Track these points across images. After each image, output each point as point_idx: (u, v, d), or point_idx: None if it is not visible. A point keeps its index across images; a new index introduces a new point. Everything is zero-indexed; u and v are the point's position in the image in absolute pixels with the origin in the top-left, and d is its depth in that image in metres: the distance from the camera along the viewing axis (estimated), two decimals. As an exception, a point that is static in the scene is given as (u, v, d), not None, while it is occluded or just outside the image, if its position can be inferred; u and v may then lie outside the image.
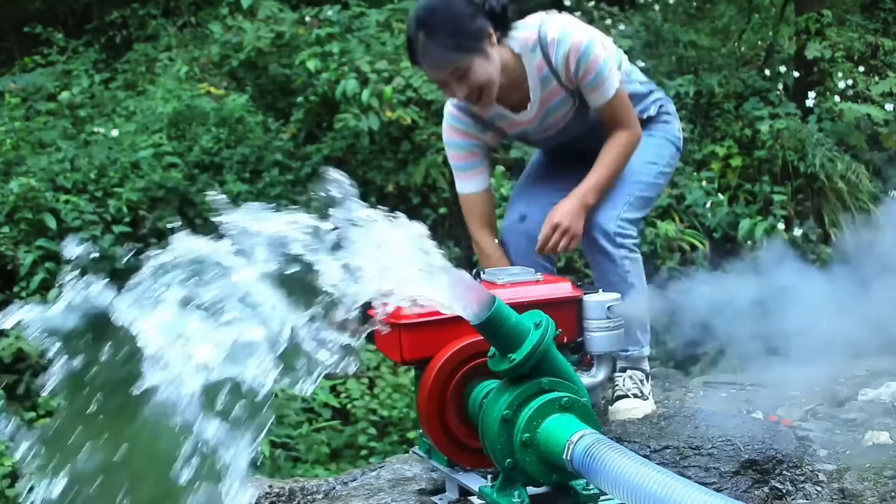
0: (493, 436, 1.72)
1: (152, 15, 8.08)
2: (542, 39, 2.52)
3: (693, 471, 2.09)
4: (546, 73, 2.55)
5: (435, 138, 6.30)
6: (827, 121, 6.85)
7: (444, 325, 1.92)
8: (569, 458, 1.56)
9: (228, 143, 6.31)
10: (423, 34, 2.41)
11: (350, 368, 1.25)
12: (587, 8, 8.00)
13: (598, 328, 2.16)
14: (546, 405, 1.68)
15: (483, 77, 2.43)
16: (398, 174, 6.40)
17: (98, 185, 5.91)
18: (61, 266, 5.62)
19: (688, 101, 7.03)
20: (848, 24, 7.77)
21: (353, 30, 6.95)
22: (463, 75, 2.42)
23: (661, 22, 7.96)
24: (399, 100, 6.26)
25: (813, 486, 2.13)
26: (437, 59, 2.41)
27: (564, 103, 2.62)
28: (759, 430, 2.24)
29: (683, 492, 1.35)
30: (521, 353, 1.65)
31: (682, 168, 6.64)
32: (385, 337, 2.03)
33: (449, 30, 2.39)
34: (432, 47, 2.40)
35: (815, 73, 7.16)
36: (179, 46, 7.54)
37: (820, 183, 6.64)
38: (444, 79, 2.45)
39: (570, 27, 2.53)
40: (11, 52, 8.13)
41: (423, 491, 2.13)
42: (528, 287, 2.11)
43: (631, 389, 2.56)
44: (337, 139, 6.40)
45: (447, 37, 2.39)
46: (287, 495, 2.22)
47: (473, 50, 2.41)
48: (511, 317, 1.63)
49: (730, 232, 6.32)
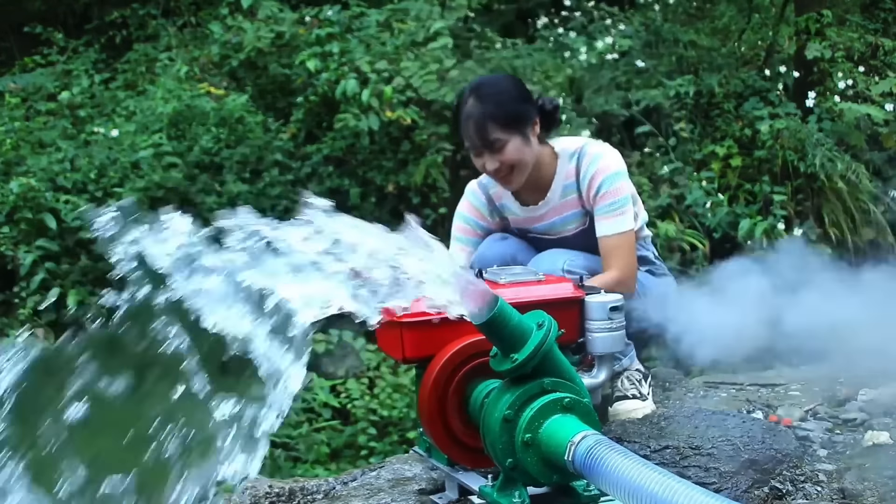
0: (494, 435, 1.72)
1: (152, 15, 8.08)
2: (581, 151, 2.62)
3: (693, 471, 2.09)
4: (571, 182, 2.63)
5: (435, 138, 6.30)
6: (827, 121, 6.85)
7: (446, 324, 1.91)
8: (570, 459, 1.57)
9: (228, 143, 6.30)
10: (473, 98, 2.52)
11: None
12: (587, 8, 8.01)
13: (599, 329, 2.16)
14: (548, 406, 1.68)
15: (516, 157, 2.53)
16: (398, 174, 6.40)
17: (98, 185, 5.91)
18: (61, 266, 5.63)
19: (688, 101, 7.03)
20: (848, 24, 7.77)
21: (353, 30, 6.95)
22: (499, 149, 2.51)
23: (661, 22, 7.95)
24: (399, 100, 6.26)
25: (813, 486, 2.14)
26: (480, 125, 2.50)
27: (576, 219, 2.66)
28: (759, 430, 2.24)
29: (685, 493, 1.35)
30: (523, 354, 1.65)
31: (682, 168, 6.65)
32: (387, 335, 2.03)
33: (498, 101, 2.51)
34: (478, 113, 2.50)
35: (815, 73, 7.16)
36: (179, 46, 7.53)
37: (820, 183, 6.64)
38: (480, 148, 2.53)
39: (610, 152, 2.63)
40: (11, 52, 8.13)
41: (423, 491, 2.14)
42: (530, 287, 2.11)
43: (629, 390, 2.56)
44: (337, 139, 6.40)
45: (495, 106, 2.50)
46: (287, 495, 2.22)
47: (515, 129, 2.52)
48: (514, 317, 1.63)
49: (730, 232, 6.32)
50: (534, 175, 2.61)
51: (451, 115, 2.67)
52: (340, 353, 5.80)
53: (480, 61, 6.77)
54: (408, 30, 6.81)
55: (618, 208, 2.58)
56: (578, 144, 2.65)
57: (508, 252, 2.69)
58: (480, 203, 2.76)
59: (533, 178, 2.61)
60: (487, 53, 7.09)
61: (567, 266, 2.50)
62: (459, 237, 2.78)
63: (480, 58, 6.93)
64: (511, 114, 2.51)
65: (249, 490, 2.21)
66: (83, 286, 5.51)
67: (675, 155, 6.76)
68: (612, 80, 7.17)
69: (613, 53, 7.34)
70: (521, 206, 2.70)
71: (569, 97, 6.88)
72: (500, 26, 7.97)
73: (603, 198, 2.58)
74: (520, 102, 2.56)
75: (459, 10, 7.14)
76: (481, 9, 7.65)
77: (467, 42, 7.26)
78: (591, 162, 2.60)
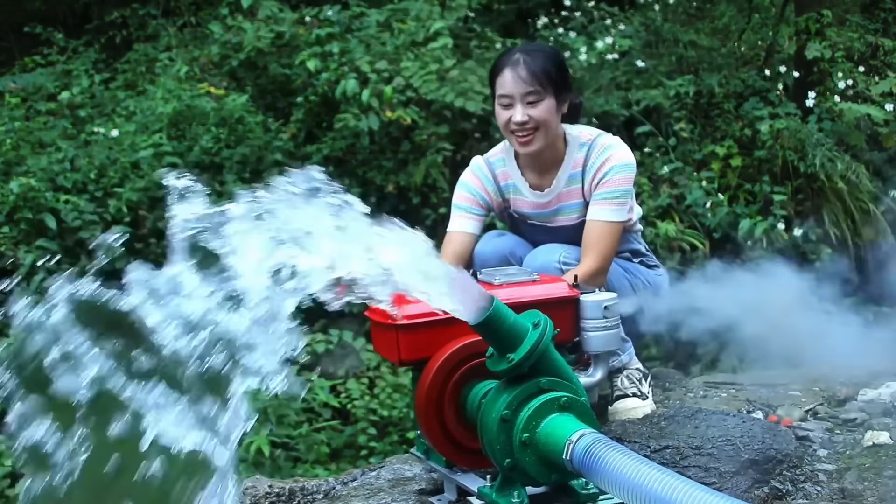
0: (492, 436, 1.71)
1: (152, 15, 8.08)
2: (594, 142, 2.65)
3: (693, 471, 2.09)
4: (578, 172, 2.64)
5: (435, 138, 6.30)
6: (827, 121, 6.84)
7: (441, 325, 1.92)
8: (568, 458, 1.56)
9: (228, 143, 6.30)
10: (522, 53, 2.59)
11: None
12: (587, 8, 8.00)
13: (594, 328, 2.16)
14: (545, 405, 1.68)
15: (546, 116, 2.57)
16: (398, 174, 6.40)
17: (98, 185, 5.90)
18: (61, 267, 5.62)
19: (688, 101, 7.02)
20: (848, 24, 7.76)
21: (353, 30, 6.95)
22: (534, 102, 2.55)
23: (661, 22, 7.95)
24: (399, 100, 6.26)
25: (813, 486, 2.14)
26: (529, 70, 2.55)
27: (576, 209, 2.68)
28: (759, 430, 2.24)
29: (684, 490, 1.35)
30: (519, 353, 1.65)
31: (683, 168, 6.64)
32: (382, 338, 2.03)
33: (550, 61, 2.59)
34: (530, 63, 2.55)
35: (815, 73, 7.15)
36: (179, 46, 7.53)
37: (820, 183, 6.64)
38: (515, 98, 2.56)
39: (624, 146, 2.67)
40: (11, 52, 8.13)
41: (423, 491, 2.14)
42: (525, 287, 2.12)
43: (629, 388, 2.56)
44: (337, 139, 6.39)
45: (546, 61, 2.57)
46: (287, 495, 2.22)
47: (554, 92, 2.57)
48: (510, 317, 1.63)
49: (730, 232, 6.31)
50: (543, 157, 2.63)
51: (452, 115, 2.67)
52: (340, 353, 5.80)
53: (480, 61, 6.76)
54: (408, 30, 6.80)
55: (616, 197, 2.58)
56: (592, 135, 2.67)
57: (506, 247, 2.70)
58: (485, 177, 2.76)
59: (541, 160, 2.65)
60: (487, 53, 7.08)
61: (563, 259, 2.51)
62: (460, 204, 2.78)
63: (480, 58, 6.92)
64: (558, 75, 2.58)
65: (249, 490, 2.21)
66: (83, 286, 5.51)
67: (675, 155, 6.75)
68: (612, 80, 7.17)
69: (613, 53, 7.33)
70: (530, 189, 2.71)
71: (569, 97, 6.87)
72: (500, 26, 7.96)
73: (605, 184, 2.59)
74: (565, 73, 2.64)
75: (459, 10, 7.13)
76: (481, 9, 7.65)
77: (467, 42, 7.26)
78: (601, 152, 2.62)
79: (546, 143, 2.60)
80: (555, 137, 2.62)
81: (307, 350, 5.70)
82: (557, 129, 2.63)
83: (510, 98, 2.57)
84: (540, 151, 2.61)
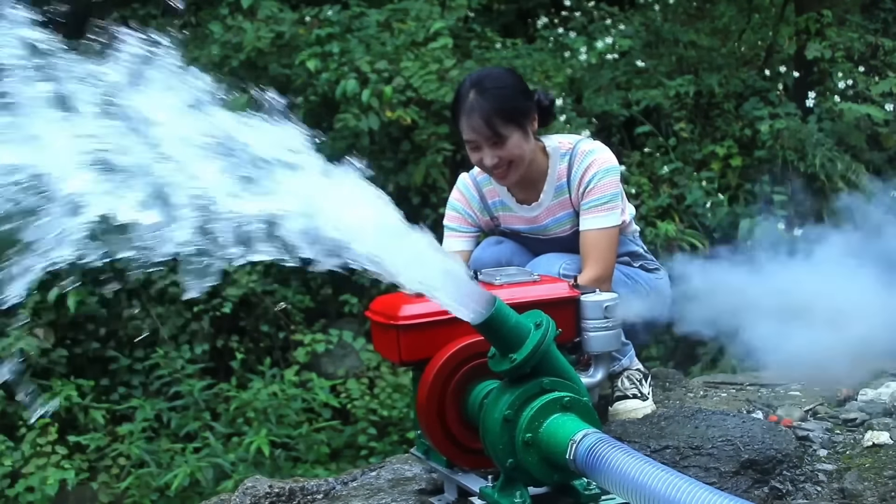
0: (494, 436, 1.71)
1: (152, 15, 8.08)
2: (574, 150, 2.61)
3: (693, 471, 2.09)
4: (563, 183, 2.61)
5: (435, 138, 6.30)
6: (827, 121, 6.84)
7: (442, 325, 1.91)
8: (571, 458, 1.56)
9: (228, 142, 6.30)
10: (474, 92, 2.48)
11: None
12: (587, 8, 8.00)
13: (595, 328, 2.16)
14: (548, 405, 1.68)
15: (517, 152, 2.50)
16: (398, 174, 6.40)
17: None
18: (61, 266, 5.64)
19: (688, 101, 7.02)
20: (848, 24, 7.75)
21: (353, 30, 6.95)
22: (498, 143, 2.48)
23: (661, 22, 7.95)
24: (399, 100, 6.26)
25: (813, 486, 2.14)
26: (482, 118, 2.46)
27: (569, 219, 2.65)
28: (759, 430, 2.24)
29: (689, 490, 1.34)
30: (522, 353, 1.65)
31: (683, 168, 6.65)
32: (383, 338, 2.03)
33: (501, 95, 2.48)
34: (480, 106, 2.46)
35: (815, 73, 7.15)
36: (179, 46, 7.53)
37: (820, 183, 6.64)
38: (480, 142, 2.50)
39: (602, 149, 2.62)
40: (11, 52, 8.12)
41: (423, 491, 2.14)
42: (526, 287, 2.11)
43: (629, 389, 2.56)
44: (337, 139, 6.39)
45: (497, 100, 2.46)
46: (287, 495, 2.22)
47: (517, 123, 2.49)
48: (512, 317, 1.63)
49: (730, 232, 6.31)
50: (525, 175, 2.59)
51: (450, 109, 2.63)
52: (340, 352, 5.81)
53: (480, 61, 6.76)
54: (408, 30, 6.80)
55: (605, 203, 2.56)
56: (571, 143, 2.63)
57: (504, 255, 2.69)
58: (472, 196, 2.74)
59: (524, 178, 2.60)
60: (487, 53, 7.09)
61: (563, 270, 2.49)
62: (450, 225, 2.77)
63: (480, 58, 6.93)
64: (514, 108, 2.49)
65: (249, 490, 2.21)
66: (83, 286, 5.51)
67: (675, 155, 6.75)
68: (612, 80, 7.17)
69: (613, 53, 7.33)
70: (518, 203, 2.69)
71: (569, 97, 6.88)
72: (500, 26, 7.97)
73: (591, 192, 2.56)
74: (521, 97, 2.53)
75: (459, 10, 7.14)
76: (481, 9, 7.65)
77: (467, 42, 7.26)
78: (583, 159, 2.59)
79: (524, 170, 2.56)
80: (533, 157, 2.58)
81: (307, 350, 5.70)
82: (534, 150, 2.57)
83: (475, 142, 2.51)
84: (521, 177, 2.59)
